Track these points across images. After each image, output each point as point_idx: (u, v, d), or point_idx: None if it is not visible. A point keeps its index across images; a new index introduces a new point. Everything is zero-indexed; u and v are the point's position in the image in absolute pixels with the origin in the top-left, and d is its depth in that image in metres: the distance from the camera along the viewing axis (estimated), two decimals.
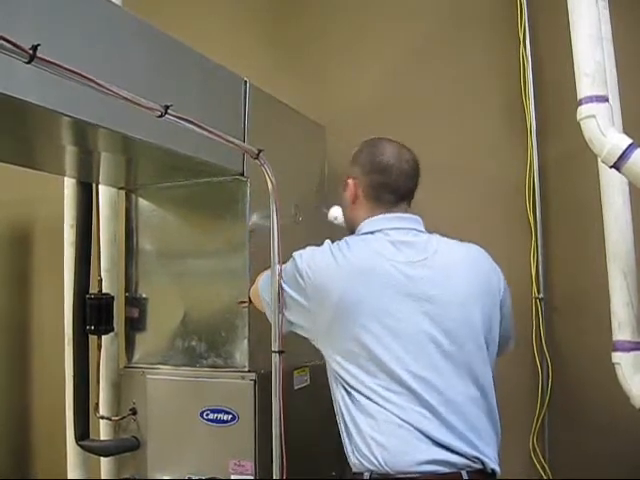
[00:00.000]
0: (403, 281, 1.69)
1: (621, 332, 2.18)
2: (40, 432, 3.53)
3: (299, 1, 3.27)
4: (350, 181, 1.89)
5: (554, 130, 2.62)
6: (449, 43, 2.88)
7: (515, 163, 2.68)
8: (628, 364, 2.16)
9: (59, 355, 2.62)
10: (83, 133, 1.80)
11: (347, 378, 1.69)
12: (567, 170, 2.60)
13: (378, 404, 1.62)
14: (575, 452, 2.56)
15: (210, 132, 1.77)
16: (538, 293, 2.63)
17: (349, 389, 1.68)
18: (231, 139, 1.87)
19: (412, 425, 1.59)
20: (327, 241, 1.86)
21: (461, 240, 1.91)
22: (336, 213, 2.34)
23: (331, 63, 3.11)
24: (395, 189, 1.83)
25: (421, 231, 1.83)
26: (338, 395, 1.74)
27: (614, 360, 2.19)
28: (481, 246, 1.94)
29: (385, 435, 1.60)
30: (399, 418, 1.60)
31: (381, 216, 1.82)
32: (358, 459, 1.65)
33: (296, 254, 1.84)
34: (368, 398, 1.64)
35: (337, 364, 1.73)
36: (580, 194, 2.52)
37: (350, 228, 1.94)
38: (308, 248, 1.86)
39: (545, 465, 2.57)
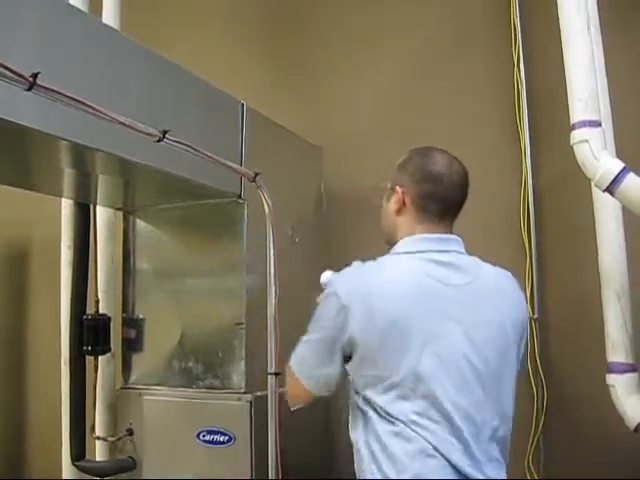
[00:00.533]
0: (448, 304, 1.62)
1: (615, 354, 2.19)
2: (36, 452, 3.52)
3: (296, 21, 3.30)
4: (399, 189, 1.76)
5: (548, 153, 2.65)
6: (445, 68, 2.91)
7: (510, 186, 2.70)
8: (622, 386, 2.16)
9: (56, 375, 2.63)
10: (81, 157, 1.83)
11: (380, 402, 1.60)
12: (561, 192, 2.63)
13: (412, 429, 1.55)
14: (570, 472, 2.55)
15: (207, 156, 1.79)
16: (533, 314, 2.64)
17: (380, 411, 1.60)
18: (228, 163, 1.90)
19: (443, 455, 1.53)
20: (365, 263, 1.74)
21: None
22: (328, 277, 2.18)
23: (328, 83, 3.14)
24: (444, 199, 1.74)
25: (462, 253, 1.76)
26: (361, 413, 1.65)
27: (608, 382, 2.20)
28: None
29: (417, 461, 1.54)
30: (431, 446, 1.53)
31: (423, 236, 1.72)
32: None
33: (334, 289, 1.66)
34: (403, 423, 1.56)
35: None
36: (574, 216, 2.54)
37: (389, 240, 1.81)
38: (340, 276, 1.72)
39: None
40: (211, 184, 2.12)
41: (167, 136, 1.65)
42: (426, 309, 1.60)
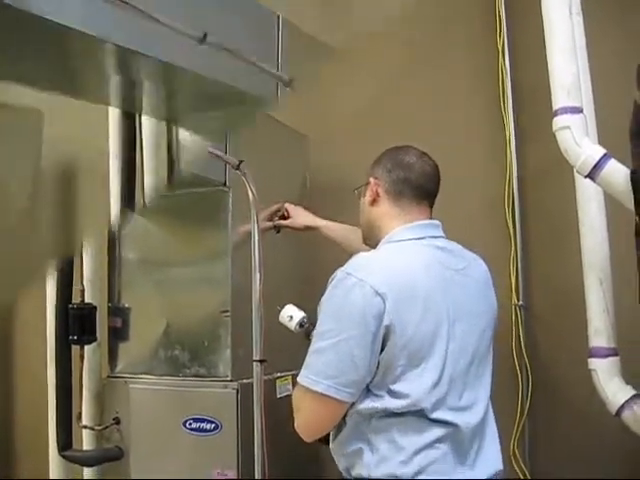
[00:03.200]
0: (457, 288, 1.63)
1: (597, 338, 2.22)
2: (23, 443, 3.50)
3: None
4: (372, 180, 1.78)
5: (533, 141, 2.66)
6: (429, 57, 2.90)
7: (495, 173, 2.72)
8: (604, 370, 2.19)
9: (41, 366, 2.63)
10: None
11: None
12: (546, 180, 2.64)
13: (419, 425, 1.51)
14: (555, 456, 2.60)
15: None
16: (518, 300, 2.66)
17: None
18: (213, 150, 1.90)
19: (448, 452, 1.51)
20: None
21: None
22: (290, 312, 1.99)
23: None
24: (417, 186, 1.74)
25: (445, 238, 1.77)
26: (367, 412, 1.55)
27: (590, 366, 2.23)
28: None
29: (427, 459, 1.50)
30: (439, 442, 1.50)
31: (417, 223, 1.71)
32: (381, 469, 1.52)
33: (356, 277, 1.53)
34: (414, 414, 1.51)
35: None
36: (559, 204, 2.55)
37: (369, 236, 1.81)
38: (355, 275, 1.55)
39: (525, 470, 2.59)
40: (195, 171, 2.13)
41: None
42: (446, 295, 1.58)
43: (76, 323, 2.41)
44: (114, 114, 2.42)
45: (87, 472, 2.55)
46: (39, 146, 3.19)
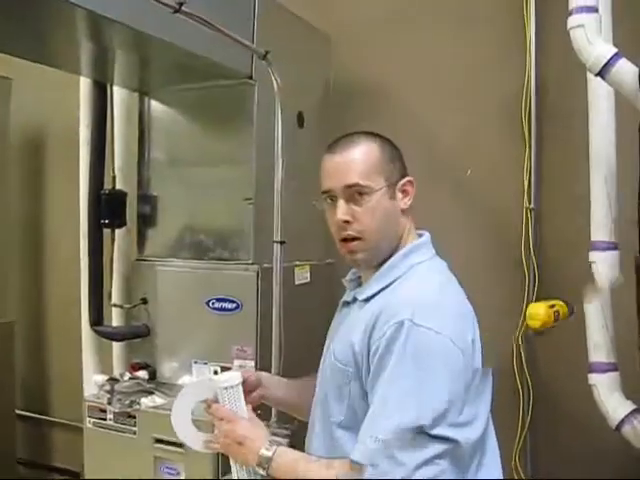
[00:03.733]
0: None
1: (596, 354, 2.25)
2: (56, 321, 3.75)
3: None
4: (408, 180, 1.51)
5: (552, 43, 2.67)
6: None
7: (512, 77, 2.74)
8: (604, 385, 2.23)
9: (74, 250, 2.76)
10: (98, 27, 1.89)
11: None
12: (563, 83, 2.66)
13: None
14: (556, 469, 2.68)
15: (221, 31, 1.88)
16: (529, 203, 2.72)
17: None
18: (240, 39, 1.98)
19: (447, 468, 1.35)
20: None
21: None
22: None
23: None
24: None
25: None
26: None
27: (590, 382, 2.27)
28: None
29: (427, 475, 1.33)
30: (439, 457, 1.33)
31: (426, 238, 1.54)
32: None
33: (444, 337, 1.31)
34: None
35: None
36: (574, 107, 2.57)
37: (379, 251, 1.50)
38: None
39: (526, 367, 2.72)
40: (223, 62, 2.20)
41: (183, 8, 1.75)
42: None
43: (108, 208, 2.56)
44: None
45: (116, 346, 2.73)
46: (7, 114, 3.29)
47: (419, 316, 1.29)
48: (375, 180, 1.45)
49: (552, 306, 2.33)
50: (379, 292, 1.44)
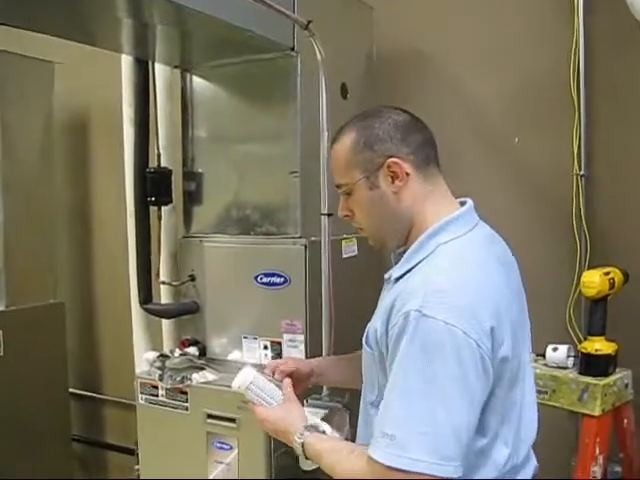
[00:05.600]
0: (515, 294, 1.44)
1: None
2: (105, 300, 3.81)
3: None
4: (388, 160, 1.39)
5: (601, 6, 2.58)
6: None
7: (560, 39, 2.65)
8: None
9: (121, 230, 2.78)
10: (138, 3, 1.89)
11: None
12: (614, 47, 2.57)
13: None
14: None
15: (262, 1, 1.86)
16: (580, 170, 2.65)
17: None
18: (281, 9, 1.96)
19: None
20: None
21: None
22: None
23: None
24: (434, 146, 1.48)
25: None
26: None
27: None
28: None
29: None
30: None
31: (464, 208, 1.44)
32: None
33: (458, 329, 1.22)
34: None
35: None
36: (625, 72, 2.52)
37: (393, 237, 1.47)
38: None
39: (580, 334, 2.68)
40: (265, 34, 2.17)
41: None
42: (515, 302, 1.41)
43: (153, 185, 2.56)
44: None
45: (165, 324, 2.75)
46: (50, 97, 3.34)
47: (428, 306, 1.22)
48: (349, 175, 1.43)
49: (607, 273, 2.28)
50: (406, 273, 1.38)
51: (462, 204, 1.46)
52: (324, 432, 1.46)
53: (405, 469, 1.17)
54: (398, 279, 1.40)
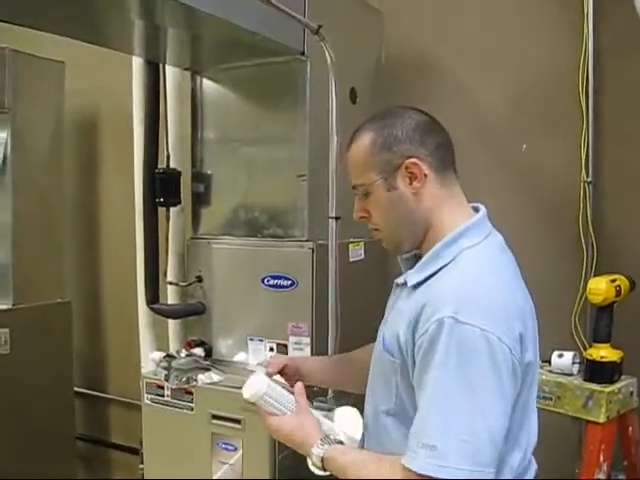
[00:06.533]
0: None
1: None
2: (112, 300, 3.83)
3: None
4: (407, 161, 1.38)
5: (611, 11, 2.58)
6: None
7: (568, 44, 2.65)
8: None
9: (130, 230, 2.79)
10: (149, 5, 1.90)
11: None
12: (623, 54, 2.58)
13: None
14: None
15: (273, 5, 1.87)
16: (587, 177, 2.64)
17: None
18: (292, 13, 1.97)
19: None
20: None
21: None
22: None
23: None
24: (452, 150, 1.47)
25: None
26: None
27: None
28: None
29: None
30: None
31: (479, 215, 1.43)
32: None
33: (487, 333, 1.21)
34: None
35: None
36: (634, 79, 2.52)
37: (408, 240, 1.45)
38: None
39: (585, 341, 2.67)
40: (275, 38, 2.18)
41: None
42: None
43: (162, 186, 2.58)
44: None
45: (172, 324, 2.76)
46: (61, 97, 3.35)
47: (462, 312, 1.20)
48: (367, 176, 1.41)
49: (613, 280, 2.28)
50: (426, 280, 1.35)
51: (474, 209, 1.46)
52: (341, 442, 1.43)
53: (446, 479, 1.15)
54: (419, 285, 1.37)
